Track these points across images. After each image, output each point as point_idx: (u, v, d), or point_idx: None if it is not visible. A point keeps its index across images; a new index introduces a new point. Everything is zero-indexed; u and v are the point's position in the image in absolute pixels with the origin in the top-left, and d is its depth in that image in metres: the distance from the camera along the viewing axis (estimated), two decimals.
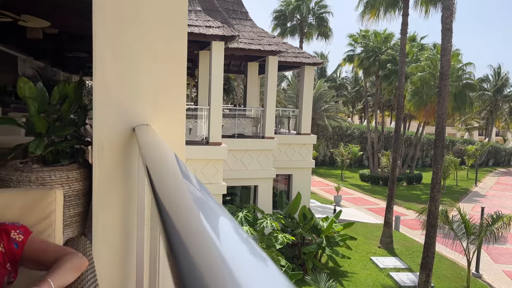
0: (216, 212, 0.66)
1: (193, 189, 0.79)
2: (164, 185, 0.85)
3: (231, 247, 0.55)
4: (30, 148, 1.93)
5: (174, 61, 2.07)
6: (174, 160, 1.14)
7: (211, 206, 0.69)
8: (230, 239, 0.58)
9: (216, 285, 0.41)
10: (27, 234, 1.36)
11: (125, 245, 2.03)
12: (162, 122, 2.06)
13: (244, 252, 0.54)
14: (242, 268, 0.47)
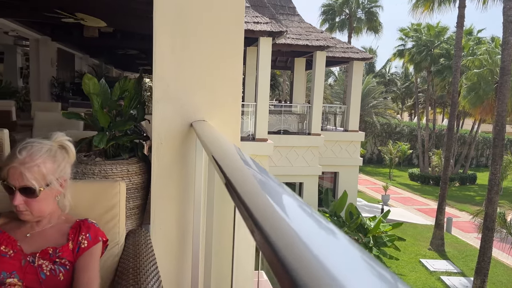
0: (278, 191, 0.74)
1: (255, 173, 0.90)
2: (233, 171, 0.94)
3: (301, 222, 0.59)
4: (94, 142, 2.02)
5: (231, 58, 2.08)
6: (235, 150, 1.24)
7: (273, 186, 0.77)
8: (298, 215, 0.62)
9: (300, 261, 0.42)
10: (93, 243, 1.35)
11: (182, 237, 2.08)
12: (218, 118, 2.08)
13: (313, 226, 0.58)
14: (316, 242, 0.48)
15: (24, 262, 1.23)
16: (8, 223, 1.34)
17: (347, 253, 0.46)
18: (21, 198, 1.25)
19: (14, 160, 1.25)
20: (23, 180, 1.24)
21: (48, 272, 1.24)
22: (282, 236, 0.50)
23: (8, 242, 1.26)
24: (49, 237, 1.32)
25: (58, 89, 13.37)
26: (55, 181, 1.31)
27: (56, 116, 5.90)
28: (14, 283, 1.19)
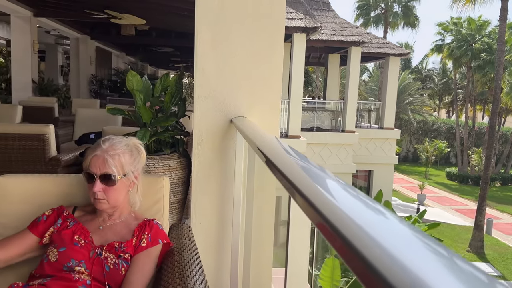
0: (321, 175, 0.79)
1: (297, 160, 0.96)
2: (280, 160, 0.99)
3: (351, 204, 0.61)
4: (137, 137, 2.06)
5: (271, 54, 2.08)
6: (276, 142, 1.31)
7: (316, 171, 0.82)
8: (345, 197, 0.65)
9: (354, 238, 0.44)
10: (151, 245, 1.38)
11: (221, 231, 2.10)
12: (258, 114, 2.09)
13: (361, 208, 0.59)
14: (367, 222, 0.50)
15: (92, 253, 1.30)
16: (84, 216, 1.43)
17: (398, 231, 0.48)
18: (100, 186, 1.34)
19: (97, 149, 1.37)
20: (105, 167, 1.35)
21: (111, 265, 1.30)
22: (342, 223, 0.50)
23: (81, 232, 1.35)
24: (117, 232, 1.40)
25: (96, 86, 13.79)
26: (131, 173, 1.42)
27: (96, 112, 6.10)
28: (82, 272, 1.26)
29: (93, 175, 1.36)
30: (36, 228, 1.37)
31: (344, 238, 0.46)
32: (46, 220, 1.39)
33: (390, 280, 0.35)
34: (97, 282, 1.26)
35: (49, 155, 3.17)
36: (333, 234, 0.49)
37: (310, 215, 0.61)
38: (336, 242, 0.48)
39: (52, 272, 1.25)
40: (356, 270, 0.42)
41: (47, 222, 1.38)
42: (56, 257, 1.27)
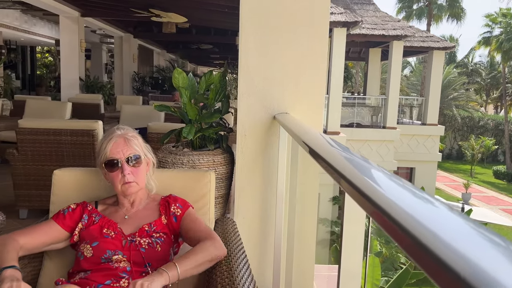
0: (366, 166, 0.82)
1: (341, 152, 1.04)
2: (327, 153, 1.08)
3: (397, 192, 0.63)
4: (183, 133, 2.12)
5: (315, 50, 2.07)
6: (320, 135, 1.35)
7: (360, 162, 0.86)
8: (391, 186, 0.67)
9: (408, 223, 0.47)
10: (185, 209, 1.46)
11: (264, 226, 2.12)
12: (301, 111, 2.09)
13: (408, 196, 0.61)
14: (418, 211, 0.52)
15: (125, 242, 1.35)
16: (106, 209, 1.47)
17: (450, 219, 0.49)
18: (129, 168, 1.38)
19: (115, 135, 1.41)
20: (129, 149, 1.39)
21: (146, 246, 1.35)
22: (395, 209, 0.51)
23: (109, 225, 1.39)
24: (143, 216, 1.44)
25: (138, 83, 14.20)
26: (148, 153, 1.47)
27: (139, 108, 6.29)
28: (120, 260, 1.31)
29: (117, 160, 1.38)
30: (62, 221, 1.40)
31: (400, 226, 0.48)
32: (72, 213, 1.42)
33: (450, 263, 0.37)
34: (136, 266, 1.31)
35: None
36: (389, 222, 0.50)
37: (361, 203, 0.63)
38: (392, 230, 0.49)
39: (90, 267, 1.30)
40: (413, 255, 0.44)
41: (73, 216, 1.41)
42: (91, 253, 1.31)
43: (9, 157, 3.24)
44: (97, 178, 1.60)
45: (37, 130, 3.20)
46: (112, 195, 1.54)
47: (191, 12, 8.81)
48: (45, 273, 1.49)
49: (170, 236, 1.43)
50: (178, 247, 1.48)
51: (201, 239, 1.32)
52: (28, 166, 3.27)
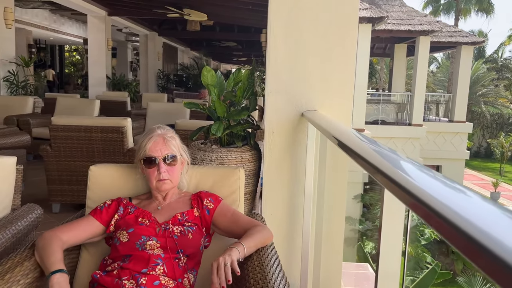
0: (394, 157, 0.86)
1: (369, 145, 1.07)
2: (361, 148, 1.08)
3: (428, 182, 0.66)
4: (212, 130, 2.15)
5: (344, 47, 2.06)
6: (349, 130, 1.40)
7: (388, 153, 0.91)
8: (422, 176, 0.71)
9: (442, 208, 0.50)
10: (217, 203, 1.53)
11: (293, 222, 2.13)
12: (330, 108, 2.08)
13: (440, 186, 0.64)
14: (450, 200, 0.54)
15: (158, 230, 1.42)
16: (141, 203, 1.56)
17: (482, 207, 0.51)
18: (165, 167, 1.46)
19: (155, 134, 1.49)
20: (166, 148, 1.47)
21: (179, 234, 1.41)
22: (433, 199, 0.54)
23: (144, 215, 1.47)
24: (175, 207, 1.51)
25: (163, 80, 14.38)
26: (184, 153, 1.55)
27: (165, 106, 6.39)
28: (153, 246, 1.37)
29: (154, 158, 1.46)
30: (99, 216, 1.47)
31: (441, 216, 0.50)
32: (108, 208, 1.49)
33: (492, 248, 0.39)
34: (169, 253, 1.37)
35: (127, 147, 3.39)
36: (428, 212, 0.53)
37: (400, 196, 0.66)
38: (433, 221, 0.52)
39: (126, 252, 1.36)
40: (456, 243, 0.46)
41: (109, 211, 1.48)
42: (127, 238, 1.38)
43: (42, 153, 3.35)
44: (132, 174, 1.64)
45: (69, 127, 3.30)
46: (145, 193, 1.60)
47: (215, 10, 8.86)
48: (82, 264, 1.54)
49: (201, 228, 1.48)
50: (209, 241, 1.52)
51: (248, 226, 1.43)
52: (60, 162, 3.37)
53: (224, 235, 1.53)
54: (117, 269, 1.34)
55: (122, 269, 1.33)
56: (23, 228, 1.64)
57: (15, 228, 1.58)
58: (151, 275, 1.31)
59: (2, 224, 1.56)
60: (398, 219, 0.78)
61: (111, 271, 1.35)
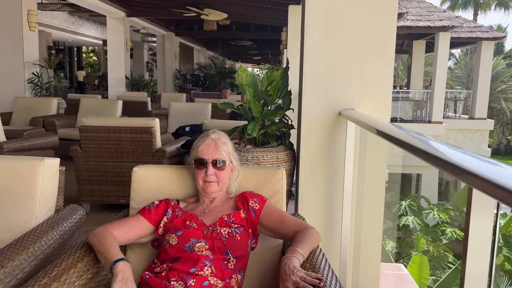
0: (424, 140, 1.11)
1: (407, 132, 1.27)
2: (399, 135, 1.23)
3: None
4: (248, 131, 2.14)
5: (382, 45, 2.03)
6: (388, 124, 1.47)
7: (420, 137, 1.13)
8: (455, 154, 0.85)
9: None
10: (263, 203, 1.53)
11: (330, 222, 2.11)
12: (367, 106, 2.06)
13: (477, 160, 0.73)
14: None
15: (206, 232, 1.43)
16: (188, 206, 1.57)
17: None
18: (213, 170, 1.49)
19: (207, 139, 1.53)
20: (217, 153, 1.50)
21: (227, 235, 1.42)
22: None
23: (191, 218, 1.48)
24: (222, 210, 1.53)
25: (180, 80, 14.45)
26: (234, 160, 1.57)
27: (186, 106, 6.41)
28: (202, 248, 1.38)
29: (205, 160, 1.50)
30: (148, 215, 1.49)
31: None
32: (157, 208, 1.51)
33: None
34: (218, 254, 1.37)
35: (156, 147, 3.40)
36: None
37: (489, 191, 0.65)
38: None
39: (175, 254, 1.37)
40: None
41: (158, 211, 1.50)
42: (176, 240, 1.40)
43: (72, 154, 3.39)
44: (175, 175, 1.65)
45: (98, 128, 3.33)
46: (192, 196, 1.61)
47: (234, 9, 8.86)
48: None
49: (248, 229, 1.49)
50: (255, 242, 1.51)
51: (297, 227, 1.44)
52: (90, 162, 3.41)
53: (271, 235, 1.52)
54: (166, 271, 1.34)
55: (170, 270, 1.33)
56: (69, 229, 1.65)
57: (62, 229, 1.60)
58: (200, 276, 1.31)
59: (49, 225, 1.58)
60: (486, 218, 0.76)
61: (159, 273, 1.36)
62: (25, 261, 1.33)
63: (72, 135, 5.37)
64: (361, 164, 2.00)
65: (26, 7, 6.26)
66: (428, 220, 10.28)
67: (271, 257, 1.56)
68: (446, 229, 9.89)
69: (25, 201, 1.63)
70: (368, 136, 2.01)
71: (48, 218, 1.68)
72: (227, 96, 8.53)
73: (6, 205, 1.62)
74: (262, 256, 1.55)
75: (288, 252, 1.32)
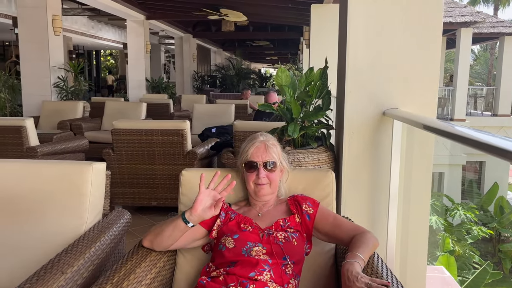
0: None
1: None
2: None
3: None
4: (288, 132, 2.11)
5: (428, 41, 1.98)
6: (441, 121, 1.45)
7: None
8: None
9: None
10: (316, 207, 1.50)
11: (375, 225, 2.07)
12: (412, 105, 2.01)
13: None
14: None
15: (262, 235, 1.40)
16: (240, 209, 1.55)
17: None
18: (264, 172, 1.47)
19: (257, 140, 1.52)
20: (267, 155, 1.49)
21: (283, 240, 1.39)
22: None
23: (245, 221, 1.45)
24: (275, 214, 1.50)
25: (198, 82, 14.51)
26: (284, 162, 1.55)
27: (210, 107, 6.41)
28: (259, 252, 1.35)
29: (255, 163, 1.48)
30: None
31: None
32: None
33: None
34: (276, 258, 1.34)
35: (187, 149, 3.40)
36: None
37: None
38: None
39: (232, 258, 1.35)
40: None
41: None
42: (233, 244, 1.37)
43: (105, 157, 3.41)
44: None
45: (130, 131, 3.34)
46: (242, 200, 1.59)
47: (252, 9, 8.84)
48: (179, 270, 1.54)
49: (303, 234, 1.46)
50: (310, 247, 1.48)
51: (353, 231, 1.42)
52: (122, 165, 3.42)
53: (325, 239, 1.49)
54: (223, 275, 1.32)
55: (228, 275, 1.31)
56: (118, 234, 1.65)
57: (112, 233, 1.59)
58: (260, 282, 1.28)
59: (100, 229, 1.58)
60: None
61: (216, 277, 1.33)
62: (83, 267, 1.32)
63: (98, 137, 5.43)
64: (407, 164, 1.95)
65: (51, 12, 6.35)
66: (454, 219, 10.09)
67: (324, 261, 1.53)
68: (472, 227, 9.69)
69: (75, 206, 1.63)
70: (415, 135, 1.96)
71: (97, 222, 1.68)
72: (248, 97, 8.51)
73: (56, 209, 1.62)
74: (315, 261, 1.52)
75: (348, 257, 1.28)
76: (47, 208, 1.63)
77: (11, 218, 1.62)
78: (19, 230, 1.60)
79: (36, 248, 1.58)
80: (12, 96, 7.49)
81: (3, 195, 1.64)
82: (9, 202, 1.64)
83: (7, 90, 7.36)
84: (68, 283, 1.22)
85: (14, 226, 1.61)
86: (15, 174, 1.69)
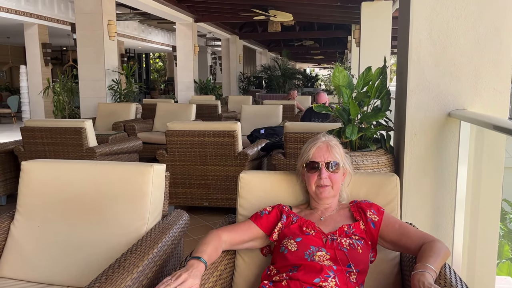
0: None
1: None
2: None
3: None
4: (346, 133, 2.05)
5: (498, 37, 1.85)
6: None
7: None
8: None
9: None
10: (381, 214, 1.43)
11: (437, 231, 1.96)
12: (481, 106, 1.89)
13: None
14: None
15: (325, 240, 1.35)
16: (301, 212, 1.51)
17: None
18: (326, 173, 1.42)
19: (319, 140, 1.47)
20: (330, 155, 1.43)
21: (348, 247, 1.34)
22: None
23: (307, 224, 1.41)
24: (339, 219, 1.44)
25: (244, 83, 14.61)
26: (347, 164, 1.49)
27: (258, 108, 6.42)
28: (323, 256, 1.31)
29: (317, 164, 1.43)
30: (259, 221, 1.45)
31: None
32: (268, 214, 1.46)
33: None
34: (340, 265, 1.29)
35: (238, 150, 3.41)
36: None
37: None
38: None
39: (295, 262, 1.31)
40: None
41: (269, 217, 1.46)
42: (296, 247, 1.34)
43: (159, 157, 3.50)
44: (282, 181, 1.60)
45: (183, 132, 3.40)
46: (303, 203, 1.56)
47: (300, 9, 8.77)
48: (238, 272, 1.53)
49: (368, 242, 1.40)
50: (375, 256, 1.42)
51: (422, 240, 1.34)
52: (175, 166, 3.49)
53: (390, 248, 1.42)
54: (286, 280, 1.29)
55: (291, 280, 1.28)
56: (177, 235, 1.67)
57: (172, 234, 1.61)
58: (324, 287, 1.24)
59: (161, 230, 1.60)
60: None
61: (279, 282, 1.30)
62: (147, 267, 1.35)
63: (150, 138, 5.59)
64: (476, 167, 1.83)
65: (107, 18, 6.62)
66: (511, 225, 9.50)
67: (389, 269, 1.47)
68: None
69: (137, 206, 1.66)
70: (485, 136, 1.84)
71: (157, 223, 1.71)
72: (294, 97, 8.45)
73: (120, 210, 1.67)
74: (380, 269, 1.46)
75: (418, 268, 1.21)
76: (111, 208, 1.67)
77: (78, 217, 1.68)
78: (86, 229, 1.66)
79: (101, 247, 1.63)
80: (71, 98, 7.90)
81: (71, 196, 1.71)
82: (76, 202, 1.70)
83: (65, 93, 7.78)
84: (134, 283, 1.25)
85: (81, 225, 1.67)
86: (81, 175, 1.75)
